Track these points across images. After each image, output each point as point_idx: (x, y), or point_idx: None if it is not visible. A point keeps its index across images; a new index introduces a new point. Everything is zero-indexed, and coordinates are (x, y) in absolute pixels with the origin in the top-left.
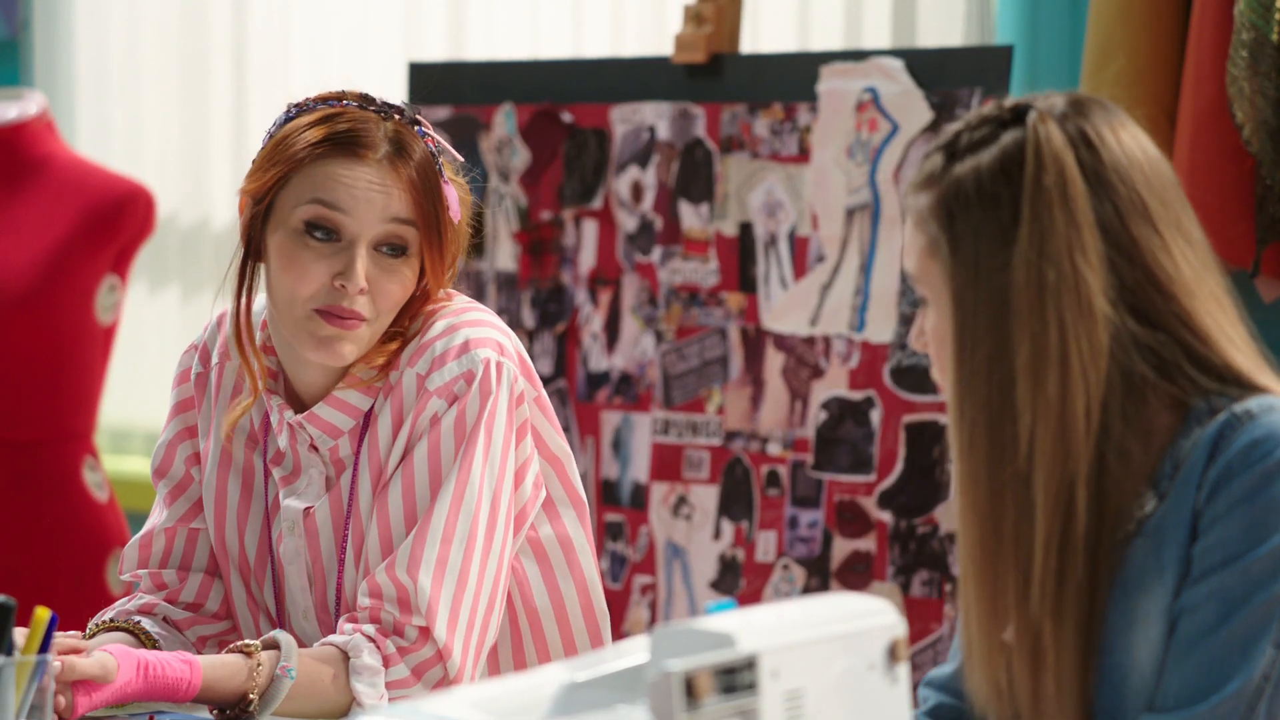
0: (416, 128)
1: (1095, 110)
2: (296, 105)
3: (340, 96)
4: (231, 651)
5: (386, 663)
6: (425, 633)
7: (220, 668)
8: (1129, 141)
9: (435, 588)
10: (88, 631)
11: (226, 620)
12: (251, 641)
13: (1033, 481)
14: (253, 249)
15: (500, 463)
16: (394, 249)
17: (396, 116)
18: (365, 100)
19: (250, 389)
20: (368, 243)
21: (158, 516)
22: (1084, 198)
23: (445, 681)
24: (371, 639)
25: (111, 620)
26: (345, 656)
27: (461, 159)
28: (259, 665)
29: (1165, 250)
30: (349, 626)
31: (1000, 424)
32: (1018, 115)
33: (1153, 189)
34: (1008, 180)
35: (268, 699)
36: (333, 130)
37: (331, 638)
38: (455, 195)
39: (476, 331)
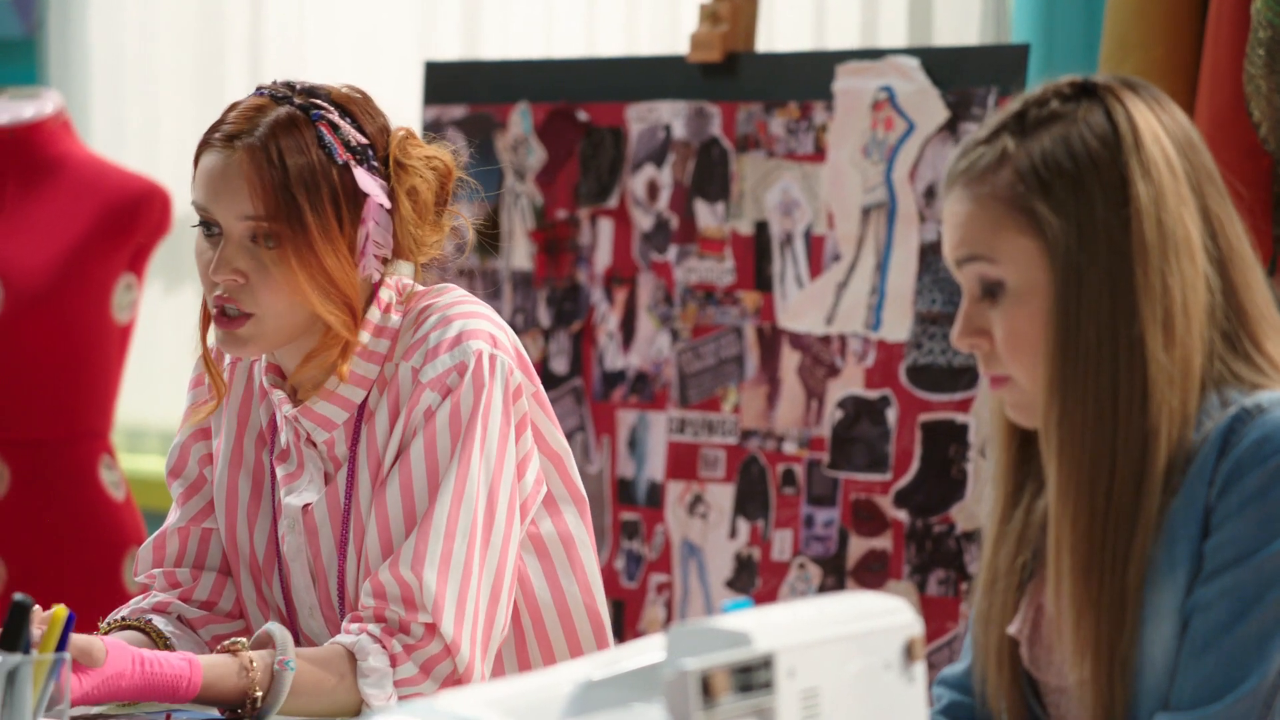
0: (312, 113)
1: (1150, 89)
2: None
3: (269, 87)
4: (221, 651)
5: (394, 661)
6: (431, 629)
7: (214, 667)
8: (1183, 119)
9: (440, 583)
10: (100, 630)
11: (240, 620)
12: (239, 639)
13: (1151, 443)
14: None
15: (498, 454)
16: (268, 240)
17: (294, 103)
18: (280, 87)
19: (211, 390)
20: (238, 235)
21: (172, 517)
22: (1177, 157)
23: (454, 677)
24: (377, 639)
25: (124, 619)
26: (352, 657)
27: (361, 132)
28: (251, 662)
29: (1230, 221)
30: (354, 627)
31: (1129, 382)
32: (1083, 90)
33: (1211, 162)
34: (1104, 143)
35: (273, 695)
36: (215, 123)
37: (338, 638)
38: (372, 182)
39: (471, 323)
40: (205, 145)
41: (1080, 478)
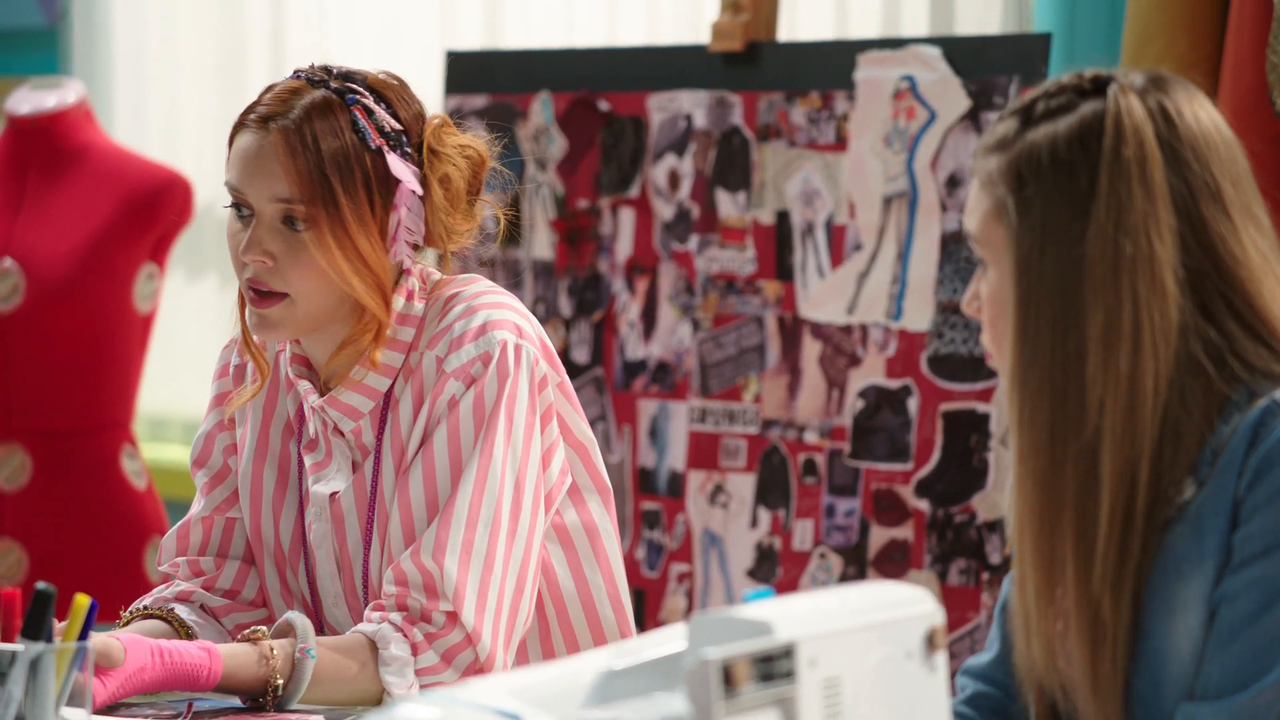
0: (348, 97)
1: (1176, 87)
2: None
3: (306, 70)
4: (241, 640)
5: (415, 650)
6: (453, 618)
7: (234, 656)
8: (1207, 121)
9: (461, 572)
10: (123, 619)
11: (263, 609)
12: (259, 627)
13: (1100, 455)
14: None
15: (523, 445)
16: (299, 222)
17: (330, 87)
18: (318, 71)
19: (255, 373)
20: (269, 216)
21: (196, 506)
22: (1161, 173)
23: (476, 665)
24: (399, 628)
25: (146, 608)
26: (374, 646)
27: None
28: (272, 650)
29: (1234, 234)
30: (376, 615)
31: (1065, 395)
32: (1098, 86)
33: (1226, 171)
34: (1084, 149)
35: (294, 683)
36: (251, 104)
37: (360, 626)
38: (405, 167)
39: (496, 314)
40: (240, 126)
41: (1036, 475)
